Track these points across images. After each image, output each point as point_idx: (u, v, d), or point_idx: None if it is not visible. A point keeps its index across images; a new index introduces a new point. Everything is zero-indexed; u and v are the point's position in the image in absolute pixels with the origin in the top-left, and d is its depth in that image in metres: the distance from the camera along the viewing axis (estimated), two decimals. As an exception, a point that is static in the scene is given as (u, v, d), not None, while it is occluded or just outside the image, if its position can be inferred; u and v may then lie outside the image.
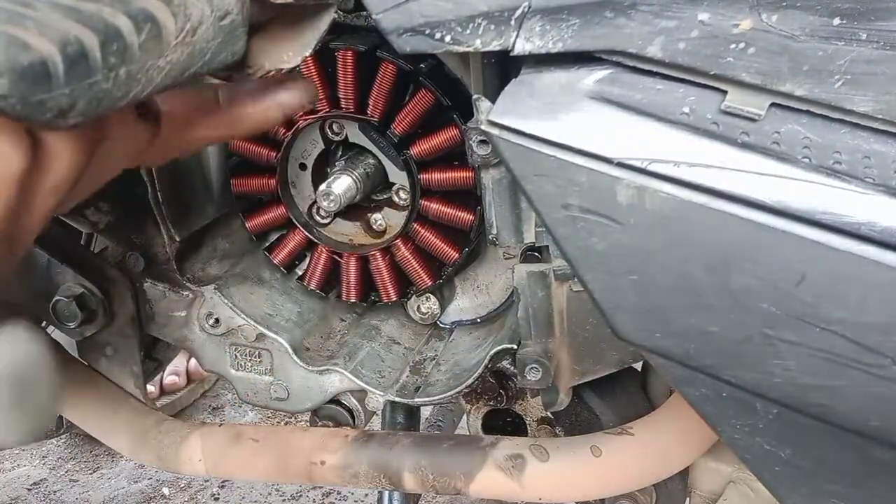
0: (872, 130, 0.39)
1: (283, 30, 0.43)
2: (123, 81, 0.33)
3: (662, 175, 0.40)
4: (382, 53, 0.72)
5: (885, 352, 0.40)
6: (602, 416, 0.80)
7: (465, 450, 0.77)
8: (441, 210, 0.76)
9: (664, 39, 0.40)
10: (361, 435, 0.81)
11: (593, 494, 0.75)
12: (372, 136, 0.77)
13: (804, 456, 0.48)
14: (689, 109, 0.41)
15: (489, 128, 0.43)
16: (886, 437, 0.44)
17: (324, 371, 0.83)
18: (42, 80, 0.30)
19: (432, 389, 0.80)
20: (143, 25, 0.33)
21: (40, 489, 1.96)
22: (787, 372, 0.43)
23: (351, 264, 0.83)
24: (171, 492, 1.92)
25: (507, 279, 0.84)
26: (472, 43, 0.41)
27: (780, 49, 0.39)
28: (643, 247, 0.42)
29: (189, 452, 0.84)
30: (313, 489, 1.87)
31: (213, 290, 0.82)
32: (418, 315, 0.88)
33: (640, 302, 0.44)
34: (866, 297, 0.40)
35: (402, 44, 0.42)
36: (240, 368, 0.86)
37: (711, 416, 0.49)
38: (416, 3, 0.41)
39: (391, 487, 0.79)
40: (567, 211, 0.42)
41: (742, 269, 0.41)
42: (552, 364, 0.67)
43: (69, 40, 0.30)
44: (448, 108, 0.72)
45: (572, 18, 0.40)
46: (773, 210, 0.39)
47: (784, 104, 0.40)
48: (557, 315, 0.66)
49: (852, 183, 0.39)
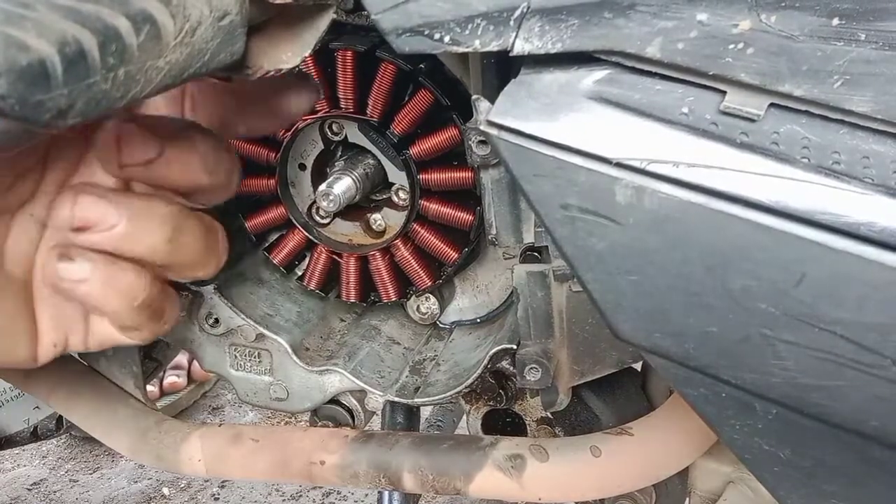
0: (871, 131, 0.39)
1: (283, 30, 0.43)
2: (122, 82, 0.33)
3: (661, 175, 0.40)
4: (382, 53, 0.72)
5: (885, 352, 0.40)
6: (601, 416, 0.81)
7: (464, 450, 0.77)
8: (440, 210, 0.76)
9: (663, 40, 0.40)
10: (361, 435, 0.81)
11: (593, 494, 0.75)
12: (371, 137, 0.77)
13: (804, 456, 0.48)
14: (687, 110, 0.41)
15: (488, 128, 0.43)
16: (886, 437, 0.44)
17: (323, 371, 0.83)
18: (41, 81, 0.30)
19: (432, 389, 0.80)
20: (142, 26, 0.33)
21: (40, 489, 1.96)
22: (787, 372, 0.43)
23: (350, 264, 0.83)
24: (171, 492, 1.92)
25: (507, 279, 0.84)
26: (471, 43, 0.41)
27: (778, 49, 0.39)
28: (642, 247, 0.42)
29: (189, 452, 0.84)
30: (313, 489, 1.87)
31: (212, 290, 0.82)
32: (418, 315, 0.88)
33: (639, 302, 0.44)
34: (866, 297, 0.40)
35: (401, 44, 0.42)
36: (239, 369, 0.86)
37: (711, 416, 0.49)
38: (414, 4, 0.41)
39: (391, 487, 0.79)
40: (566, 211, 0.42)
41: (741, 270, 0.41)
42: (552, 364, 0.67)
43: (68, 41, 0.30)
44: (447, 109, 0.72)
45: (571, 19, 0.40)
46: (772, 210, 0.39)
47: (783, 104, 0.40)
48: (557, 315, 0.66)
49: (851, 183, 0.39)
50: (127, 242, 0.43)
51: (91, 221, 0.42)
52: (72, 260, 0.42)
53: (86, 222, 0.42)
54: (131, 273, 0.44)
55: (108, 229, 0.42)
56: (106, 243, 0.42)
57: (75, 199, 0.42)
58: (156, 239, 0.44)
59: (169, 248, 0.44)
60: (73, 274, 0.42)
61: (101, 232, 0.42)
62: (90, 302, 0.44)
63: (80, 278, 0.42)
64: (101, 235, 0.42)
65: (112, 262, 0.43)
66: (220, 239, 0.50)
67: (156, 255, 0.44)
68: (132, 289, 0.44)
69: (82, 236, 0.42)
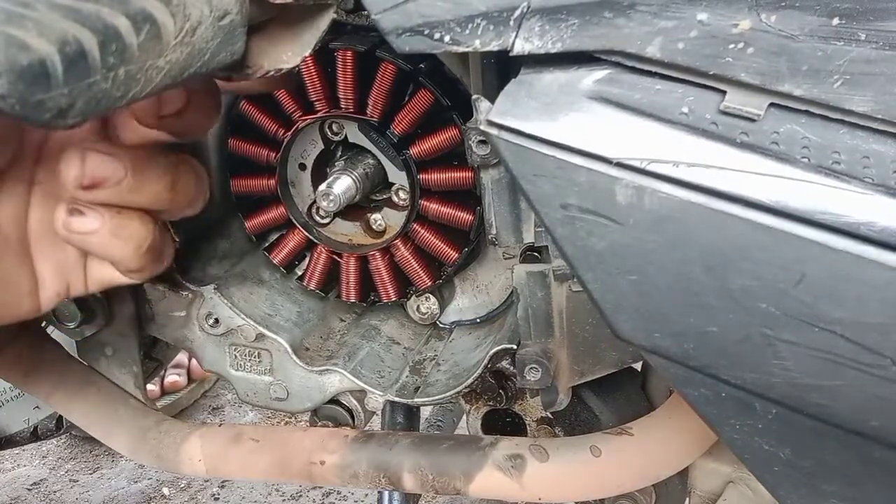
0: (871, 130, 0.39)
1: (283, 30, 0.43)
2: (122, 81, 0.33)
3: (661, 175, 0.40)
4: (382, 53, 0.72)
5: (884, 352, 0.40)
6: (601, 416, 0.81)
7: (464, 450, 0.77)
8: (440, 210, 0.76)
9: (663, 40, 0.40)
10: (361, 435, 0.81)
11: (593, 494, 0.75)
12: (371, 136, 0.77)
13: (804, 456, 0.48)
14: (688, 109, 0.41)
15: (488, 128, 0.43)
16: (886, 437, 0.44)
17: (323, 371, 0.83)
18: (41, 81, 0.30)
19: (432, 389, 0.80)
20: (142, 26, 0.33)
21: (40, 489, 1.96)
22: (787, 372, 0.43)
23: (350, 264, 0.83)
24: (171, 492, 1.92)
25: (507, 279, 0.84)
26: (471, 43, 0.41)
27: (778, 49, 0.39)
28: (642, 247, 0.42)
29: (189, 452, 0.84)
30: (313, 489, 1.87)
31: (212, 290, 0.82)
32: (418, 315, 0.88)
33: (639, 302, 0.44)
34: (865, 297, 0.40)
35: (401, 44, 0.42)
36: (239, 368, 0.86)
37: (711, 416, 0.49)
38: (414, 4, 0.41)
39: (391, 487, 0.79)
40: (566, 211, 0.42)
41: (741, 269, 0.41)
42: (552, 364, 0.67)
43: (68, 40, 0.30)
44: (448, 108, 0.72)
45: (571, 19, 0.40)
46: (772, 210, 0.39)
47: (783, 104, 0.40)
48: (557, 315, 0.66)
49: (851, 183, 0.39)
50: (133, 194, 0.46)
51: (100, 179, 0.44)
52: (82, 214, 0.45)
53: (95, 180, 0.44)
54: (137, 221, 0.47)
55: (116, 184, 0.44)
56: (114, 198, 0.45)
57: (83, 158, 0.44)
58: (159, 188, 0.47)
59: (170, 195, 0.48)
60: (84, 226, 0.45)
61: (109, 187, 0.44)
62: (100, 251, 0.47)
63: (90, 230, 0.45)
64: (110, 191, 0.45)
65: (119, 213, 0.46)
66: (206, 179, 0.54)
67: (159, 203, 0.48)
68: (139, 235, 0.47)
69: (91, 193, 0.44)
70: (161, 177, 0.47)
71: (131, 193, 0.45)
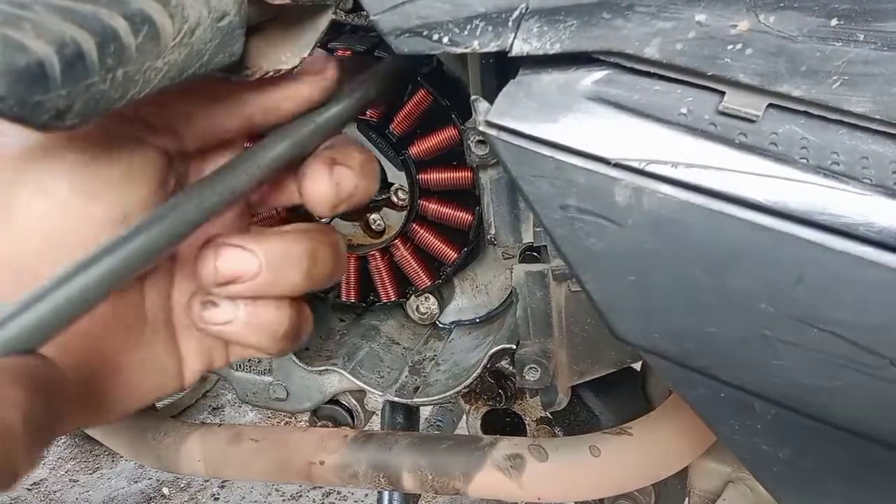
0: (870, 131, 0.39)
1: (282, 31, 0.43)
2: (121, 83, 0.33)
3: (660, 176, 0.40)
4: (381, 53, 0.72)
5: (884, 352, 0.40)
6: (601, 415, 0.81)
7: (464, 450, 0.77)
8: (440, 210, 0.76)
9: (661, 40, 0.40)
10: (360, 435, 0.81)
11: (592, 494, 0.75)
12: (371, 136, 0.77)
13: (803, 456, 0.48)
14: (686, 110, 0.41)
15: (487, 128, 0.43)
16: (885, 437, 0.44)
17: (323, 371, 0.83)
18: (39, 82, 0.30)
19: (431, 389, 0.80)
20: (141, 27, 0.33)
21: (40, 489, 1.97)
22: (786, 372, 0.43)
23: (350, 264, 0.83)
24: (171, 492, 1.92)
25: (506, 279, 0.84)
26: (469, 44, 0.41)
27: (777, 50, 0.39)
28: (641, 247, 0.42)
29: (189, 453, 0.84)
30: (313, 489, 1.87)
31: (212, 290, 0.82)
32: (417, 315, 0.88)
33: (638, 302, 0.44)
34: (864, 297, 0.40)
35: (400, 45, 0.42)
36: (239, 368, 0.86)
37: (710, 416, 0.49)
38: (413, 5, 0.41)
39: (390, 487, 0.79)
40: (565, 212, 0.42)
41: (740, 270, 0.41)
42: (551, 364, 0.67)
43: (66, 42, 0.30)
44: (446, 109, 0.72)
45: (570, 20, 0.40)
46: (771, 211, 0.39)
47: (781, 105, 0.40)
48: (556, 315, 0.66)
49: (850, 183, 0.39)
50: (269, 287, 0.44)
51: (234, 276, 0.43)
52: (216, 305, 0.44)
53: (229, 278, 0.43)
54: (273, 308, 0.45)
55: (251, 279, 0.43)
56: (248, 292, 0.44)
57: (217, 254, 0.43)
58: (296, 279, 0.45)
59: (307, 280, 0.46)
60: (218, 318, 0.44)
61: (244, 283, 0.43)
62: (236, 340, 0.46)
63: (224, 321, 0.44)
64: (245, 286, 0.43)
65: (254, 302, 0.45)
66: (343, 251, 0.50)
67: (296, 290, 0.46)
68: (276, 322, 0.45)
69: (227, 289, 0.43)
70: (298, 265, 0.45)
71: (267, 287, 0.44)
